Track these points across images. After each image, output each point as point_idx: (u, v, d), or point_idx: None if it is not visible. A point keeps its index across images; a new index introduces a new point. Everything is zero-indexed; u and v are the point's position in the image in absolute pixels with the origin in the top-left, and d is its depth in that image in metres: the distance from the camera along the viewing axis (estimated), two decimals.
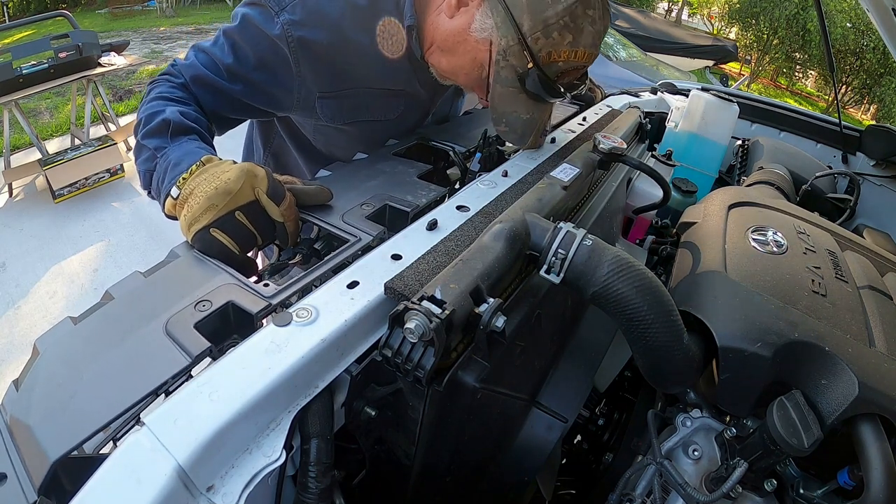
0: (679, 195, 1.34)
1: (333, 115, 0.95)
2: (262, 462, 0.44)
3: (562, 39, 0.77)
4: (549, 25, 0.76)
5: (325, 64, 0.87)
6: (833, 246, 0.84)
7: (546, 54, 0.78)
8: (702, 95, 1.64)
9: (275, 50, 0.84)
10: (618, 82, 3.44)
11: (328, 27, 0.84)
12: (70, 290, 2.82)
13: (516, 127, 0.88)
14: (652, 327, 0.57)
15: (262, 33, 0.83)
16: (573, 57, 0.80)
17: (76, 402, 0.44)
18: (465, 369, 0.55)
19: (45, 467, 0.40)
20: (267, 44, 0.83)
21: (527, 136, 0.90)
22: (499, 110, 0.86)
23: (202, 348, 0.48)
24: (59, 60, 3.32)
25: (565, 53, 0.79)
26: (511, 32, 0.78)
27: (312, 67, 0.86)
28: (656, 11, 12.11)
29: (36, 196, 3.57)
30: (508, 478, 0.76)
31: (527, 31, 0.77)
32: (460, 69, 0.88)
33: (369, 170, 0.86)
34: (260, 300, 0.54)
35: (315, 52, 0.84)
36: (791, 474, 0.64)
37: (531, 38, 0.77)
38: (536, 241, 0.61)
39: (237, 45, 0.85)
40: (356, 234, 0.67)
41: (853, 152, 1.85)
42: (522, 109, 0.86)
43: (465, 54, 0.85)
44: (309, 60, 0.85)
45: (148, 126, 0.76)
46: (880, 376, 0.57)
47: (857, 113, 9.87)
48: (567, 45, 0.78)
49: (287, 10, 0.82)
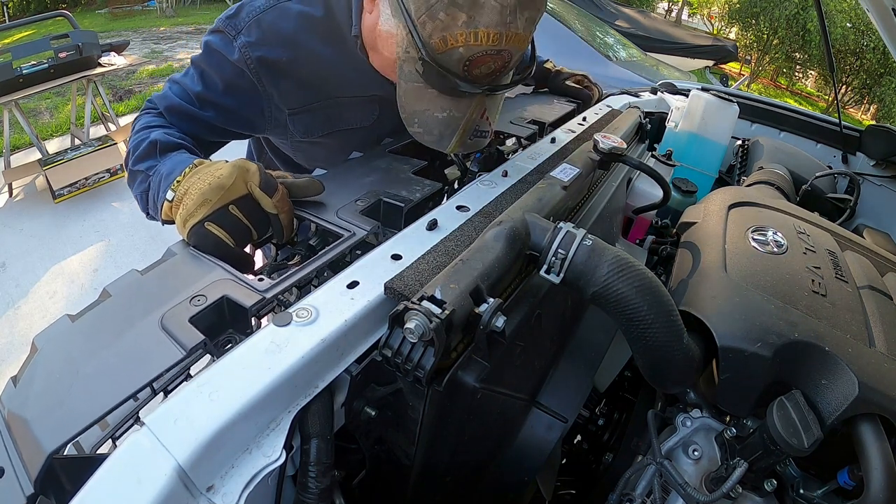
0: (679, 195, 1.34)
1: (307, 130, 0.94)
2: (262, 462, 0.44)
3: (452, 20, 0.66)
4: (433, 5, 0.65)
5: (289, 80, 0.86)
6: (833, 246, 0.84)
7: (440, 40, 0.68)
8: (702, 95, 1.64)
9: (238, 73, 0.84)
10: (618, 82, 3.44)
11: (285, 43, 0.83)
12: (70, 289, 2.82)
13: (431, 127, 0.78)
14: (652, 327, 0.57)
15: (224, 59, 0.83)
16: (473, 40, 0.67)
17: (72, 396, 0.45)
18: (465, 369, 0.55)
19: (40, 460, 0.40)
20: (230, 68, 0.83)
21: (446, 137, 0.79)
22: (408, 109, 0.78)
23: (196, 341, 0.49)
24: (59, 60, 3.32)
25: (461, 37, 0.67)
26: (402, 20, 0.70)
27: (277, 85, 0.85)
28: (656, 11, 12.11)
29: (36, 196, 3.57)
30: (508, 478, 0.76)
31: (413, 15, 0.68)
32: (388, 66, 0.81)
33: (365, 167, 0.86)
34: (254, 294, 0.55)
35: (276, 69, 0.84)
36: (791, 474, 0.64)
37: (418, 23, 0.68)
38: (536, 241, 0.61)
39: (205, 72, 0.86)
40: (350, 228, 0.67)
41: (853, 152, 1.85)
42: (435, 107, 0.76)
43: (384, 49, 0.78)
44: (272, 79, 0.84)
45: (137, 152, 0.78)
46: (880, 376, 0.57)
47: (857, 113, 9.87)
48: (462, 26, 0.66)
49: (243, 32, 0.81)
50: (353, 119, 0.97)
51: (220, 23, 0.84)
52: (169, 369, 0.47)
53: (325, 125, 0.95)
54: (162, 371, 0.46)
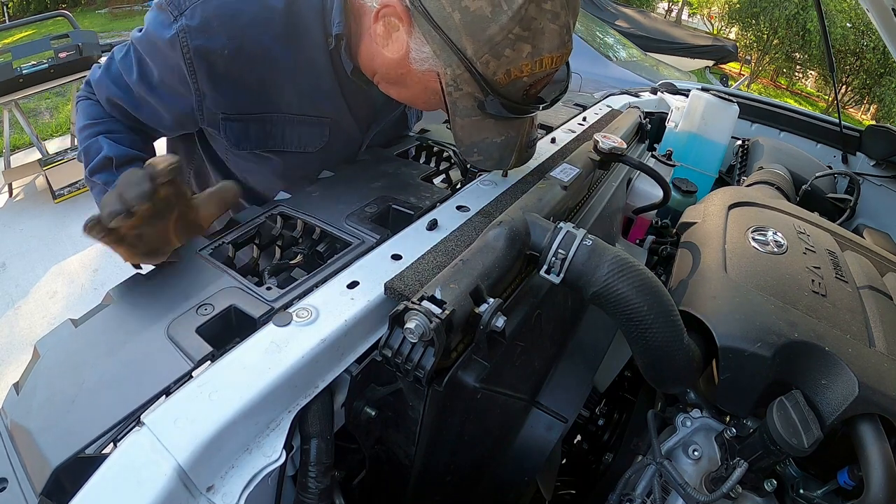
0: (679, 195, 1.34)
1: (238, 141, 0.81)
2: (262, 462, 0.44)
3: (518, 54, 0.64)
4: (497, 44, 0.63)
5: (227, 80, 0.74)
6: (833, 246, 0.84)
7: (504, 74, 0.66)
8: (702, 95, 1.64)
9: (172, 64, 0.73)
10: (618, 82, 3.44)
11: (231, 35, 0.70)
12: (70, 290, 2.82)
13: (491, 153, 0.75)
14: (652, 327, 0.57)
15: (159, 43, 0.72)
16: (538, 68, 0.66)
17: (77, 407, 0.44)
18: (465, 369, 0.55)
19: (46, 473, 0.39)
20: (163, 57, 0.73)
21: (506, 159, 0.77)
22: (466, 143, 0.74)
23: (204, 353, 0.48)
24: (59, 60, 3.31)
25: (527, 66, 0.66)
26: (454, 60, 0.65)
27: (212, 84, 0.73)
28: (656, 11, 12.10)
29: (36, 196, 3.57)
30: (508, 478, 0.76)
31: (472, 56, 0.64)
32: (416, 99, 0.77)
33: (373, 171, 0.85)
34: (262, 304, 0.54)
35: (215, 65, 0.72)
36: (791, 474, 0.64)
37: (479, 63, 0.64)
38: (536, 241, 0.61)
39: (142, 60, 0.76)
40: (359, 236, 0.66)
41: (853, 152, 1.85)
42: (493, 133, 0.73)
43: (415, 85, 0.73)
44: (208, 76, 0.72)
45: (92, 162, 0.76)
46: (880, 376, 0.57)
47: (857, 113, 9.87)
48: (527, 58, 0.65)
49: (186, 14, 0.69)
50: (296, 141, 0.84)
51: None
52: (176, 381, 0.46)
53: (260, 141, 0.82)
54: (169, 383, 0.46)
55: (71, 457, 0.40)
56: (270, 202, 0.75)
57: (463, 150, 0.76)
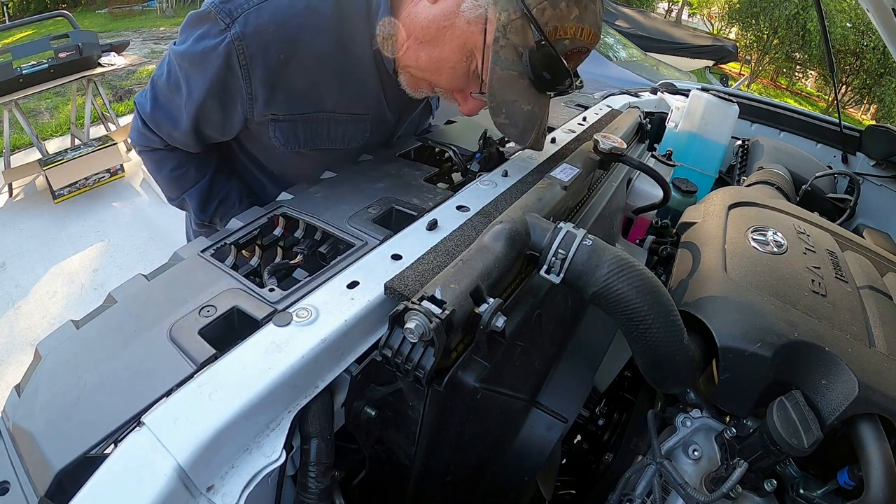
0: (679, 195, 1.34)
1: (287, 140, 0.86)
2: (262, 462, 0.44)
3: (569, 12, 0.69)
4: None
5: (281, 84, 0.77)
6: (833, 246, 0.84)
7: (553, 28, 0.69)
8: (702, 95, 1.64)
9: (224, 72, 0.75)
10: (618, 82, 3.44)
11: (286, 41, 0.74)
12: (70, 290, 2.82)
13: (517, 119, 0.77)
14: (652, 327, 0.57)
15: (209, 51, 0.74)
16: (580, 35, 0.71)
17: (79, 409, 0.44)
18: (465, 369, 0.55)
19: (48, 477, 0.39)
20: (214, 63, 0.75)
21: (528, 133, 0.79)
22: (498, 98, 0.75)
23: (207, 355, 0.48)
24: (59, 60, 3.32)
25: (572, 29, 0.70)
26: (513, 4, 0.69)
27: (266, 88, 0.77)
28: (656, 11, 12.10)
29: (36, 196, 3.57)
30: (508, 478, 0.76)
31: (531, 1, 0.68)
32: (444, 63, 0.76)
33: (376, 171, 0.85)
34: (265, 305, 0.54)
35: (270, 70, 0.75)
36: (791, 474, 0.64)
37: (536, 8, 0.68)
38: (536, 241, 0.61)
39: (188, 73, 0.77)
40: (362, 238, 0.66)
41: (853, 152, 1.85)
42: (524, 99, 0.75)
43: (452, 41, 0.74)
44: (262, 80, 0.76)
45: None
46: (880, 376, 0.57)
47: (857, 113, 9.87)
48: (574, 20, 0.70)
49: (238, 21, 0.71)
50: (341, 138, 0.88)
51: (212, 6, 0.72)
52: (179, 384, 0.46)
53: (308, 140, 0.86)
54: (172, 386, 0.45)
55: (74, 460, 0.40)
56: (273, 202, 0.75)
57: (492, 108, 0.77)
